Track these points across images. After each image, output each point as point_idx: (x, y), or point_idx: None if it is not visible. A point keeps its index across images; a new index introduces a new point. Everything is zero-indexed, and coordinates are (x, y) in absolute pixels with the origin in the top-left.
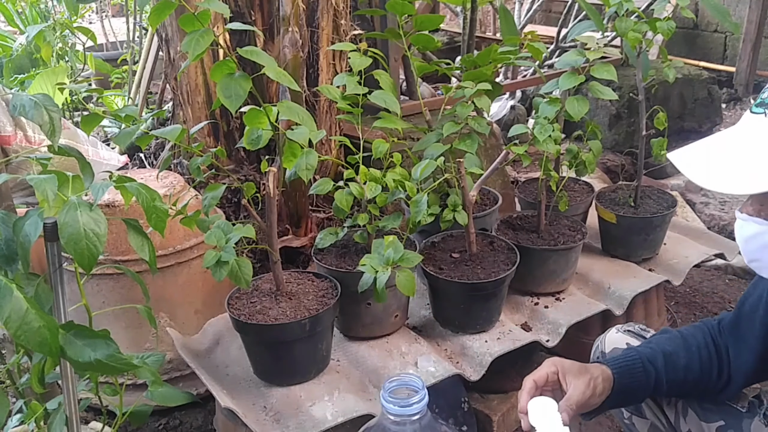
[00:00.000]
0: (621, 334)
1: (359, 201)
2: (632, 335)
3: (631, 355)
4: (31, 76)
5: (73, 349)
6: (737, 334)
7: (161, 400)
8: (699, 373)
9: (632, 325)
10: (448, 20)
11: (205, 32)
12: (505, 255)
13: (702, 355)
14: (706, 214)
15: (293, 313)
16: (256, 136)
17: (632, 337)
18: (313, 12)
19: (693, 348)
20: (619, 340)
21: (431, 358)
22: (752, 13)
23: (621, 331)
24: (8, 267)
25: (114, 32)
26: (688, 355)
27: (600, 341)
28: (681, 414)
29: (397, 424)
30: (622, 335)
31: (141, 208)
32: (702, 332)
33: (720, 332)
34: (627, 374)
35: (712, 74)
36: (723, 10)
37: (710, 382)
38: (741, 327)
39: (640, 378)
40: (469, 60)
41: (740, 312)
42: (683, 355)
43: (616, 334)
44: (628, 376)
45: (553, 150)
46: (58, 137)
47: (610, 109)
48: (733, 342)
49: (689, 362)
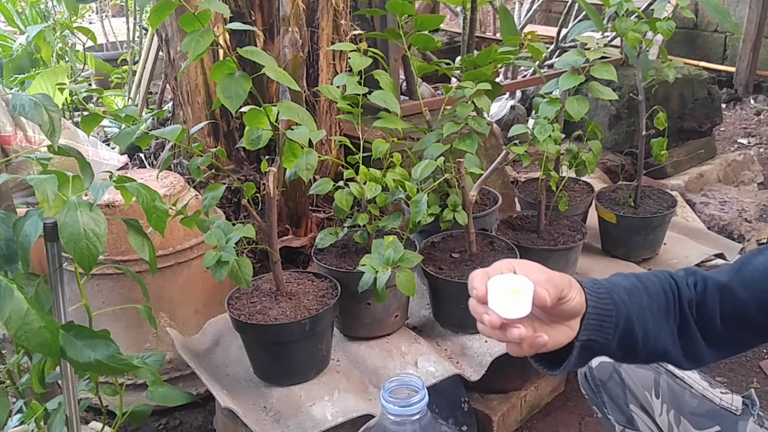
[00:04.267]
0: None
1: (359, 201)
2: None
3: (591, 281)
4: (31, 76)
5: (73, 349)
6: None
7: (161, 400)
8: (662, 317)
9: None
10: (448, 20)
11: (205, 32)
12: (505, 255)
13: (662, 301)
14: (706, 214)
15: (293, 313)
16: (256, 136)
17: None
18: (313, 12)
19: (651, 290)
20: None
21: (431, 358)
22: (752, 13)
23: None
24: (8, 267)
25: (114, 32)
26: (648, 297)
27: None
28: (675, 424)
29: (397, 424)
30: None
31: (141, 208)
32: (658, 279)
33: (696, 290)
34: (595, 296)
35: (712, 74)
36: (723, 10)
37: (671, 333)
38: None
39: (608, 305)
40: (469, 60)
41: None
42: (643, 295)
43: None
44: (596, 298)
45: (553, 150)
46: (58, 137)
47: (610, 109)
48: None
49: (650, 303)
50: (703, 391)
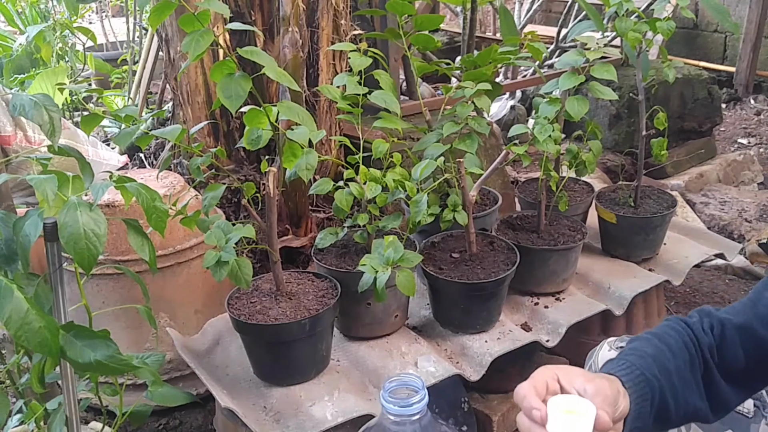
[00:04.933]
0: (614, 352)
1: (359, 201)
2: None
3: (621, 364)
4: (31, 76)
5: (72, 349)
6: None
7: (161, 400)
8: (688, 374)
9: (624, 340)
10: (448, 20)
11: (205, 32)
12: (505, 255)
13: (686, 356)
14: (706, 214)
15: (293, 313)
16: (256, 136)
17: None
18: (313, 12)
19: (674, 348)
20: (611, 356)
21: (431, 358)
22: (752, 13)
23: (614, 348)
24: (8, 267)
25: (114, 32)
26: (673, 357)
27: (592, 359)
28: (684, 429)
29: (397, 424)
30: (615, 353)
31: (141, 208)
32: (676, 332)
33: (713, 334)
34: (634, 388)
35: (712, 74)
36: (723, 11)
37: (698, 389)
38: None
39: (645, 391)
40: (469, 60)
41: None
42: (669, 357)
43: (609, 351)
44: (635, 389)
45: (553, 150)
46: (58, 137)
47: (610, 109)
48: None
49: (676, 364)
50: None
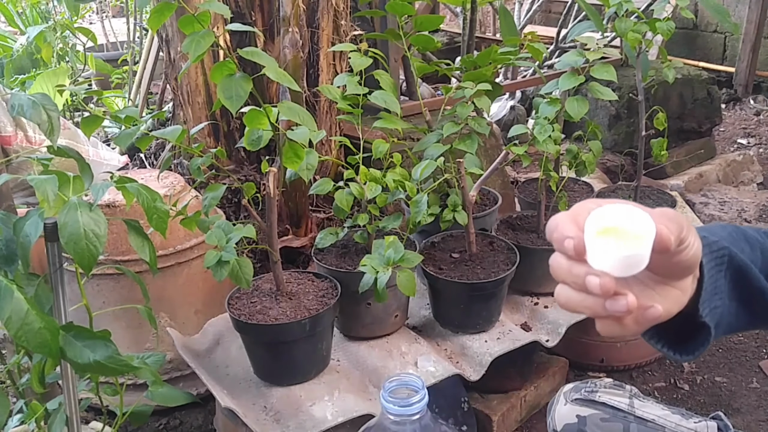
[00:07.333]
0: (572, 405)
1: (359, 201)
2: (581, 403)
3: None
4: (31, 76)
5: (72, 350)
6: None
7: (161, 400)
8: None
9: (578, 389)
10: (448, 20)
11: (206, 33)
12: (505, 255)
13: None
14: (705, 214)
15: (293, 313)
16: (256, 137)
17: (582, 406)
18: (314, 12)
19: (751, 239)
20: (568, 414)
21: (431, 358)
22: (752, 13)
23: (570, 401)
24: (8, 267)
25: (114, 33)
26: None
27: (550, 415)
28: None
29: (397, 424)
30: (571, 406)
31: (141, 208)
32: (754, 230)
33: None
34: (705, 246)
35: (711, 74)
36: (722, 11)
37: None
38: None
39: (721, 256)
40: (469, 60)
41: None
42: (744, 243)
43: (565, 405)
44: (705, 246)
45: (553, 150)
46: (57, 136)
47: (609, 109)
48: None
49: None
50: (676, 427)
